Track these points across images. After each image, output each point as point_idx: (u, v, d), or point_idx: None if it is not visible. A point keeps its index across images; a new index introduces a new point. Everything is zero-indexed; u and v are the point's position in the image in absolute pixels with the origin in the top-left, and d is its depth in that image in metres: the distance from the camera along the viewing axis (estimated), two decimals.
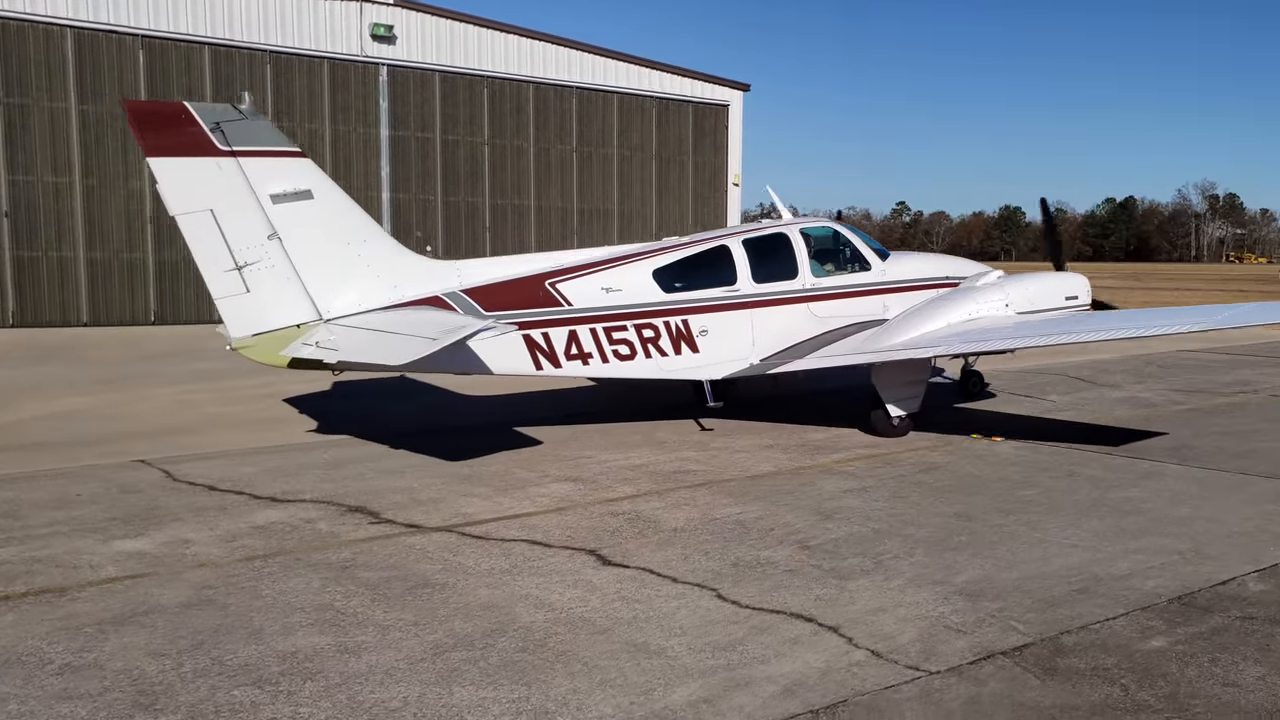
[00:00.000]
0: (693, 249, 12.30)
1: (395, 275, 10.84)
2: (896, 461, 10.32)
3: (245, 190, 10.02)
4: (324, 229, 10.44)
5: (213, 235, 9.97)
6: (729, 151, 32.36)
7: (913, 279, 13.51)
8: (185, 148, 9.82)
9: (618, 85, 30.13)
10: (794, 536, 7.65)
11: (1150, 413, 13.29)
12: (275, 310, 10.20)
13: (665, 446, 11.13)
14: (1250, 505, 8.55)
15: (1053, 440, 11.30)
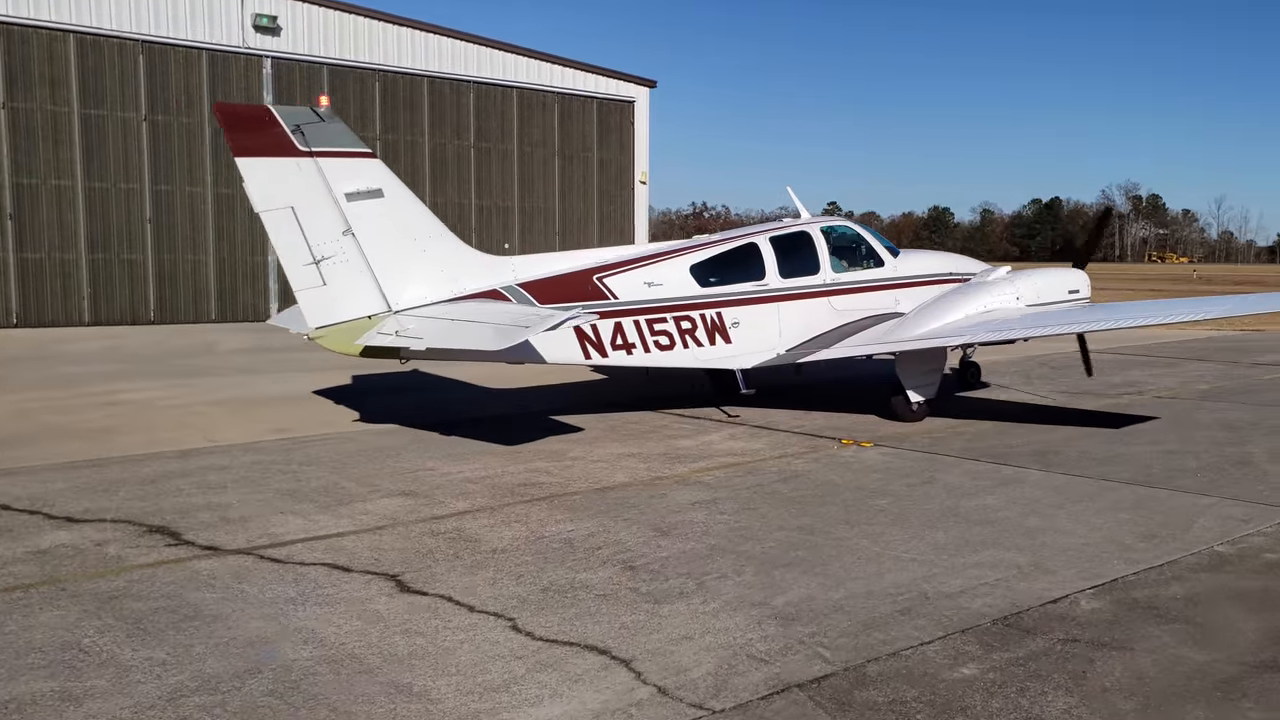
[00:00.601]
0: (725, 246, 13.19)
1: (456, 270, 11.53)
2: (758, 470, 9.96)
3: (323, 189, 10.69)
4: (393, 225, 11.12)
5: (293, 231, 10.67)
6: (635, 149, 32.01)
7: (921, 275, 14.44)
8: (269, 148, 10.50)
9: (518, 80, 29.59)
10: (621, 556, 7.21)
11: (1034, 412, 13.15)
12: (348, 302, 10.87)
13: (519, 457, 10.63)
14: (1103, 514, 8.32)
15: (920, 446, 11.07)
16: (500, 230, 29.63)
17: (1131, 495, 8.96)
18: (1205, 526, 7.94)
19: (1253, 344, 23.57)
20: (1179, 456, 10.57)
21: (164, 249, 25.17)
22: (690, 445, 11.21)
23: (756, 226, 14.79)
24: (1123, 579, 6.69)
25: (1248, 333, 26.61)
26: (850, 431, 11.89)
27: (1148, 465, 10.15)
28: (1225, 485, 9.31)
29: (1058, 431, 11.93)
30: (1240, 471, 9.89)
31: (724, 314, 12.65)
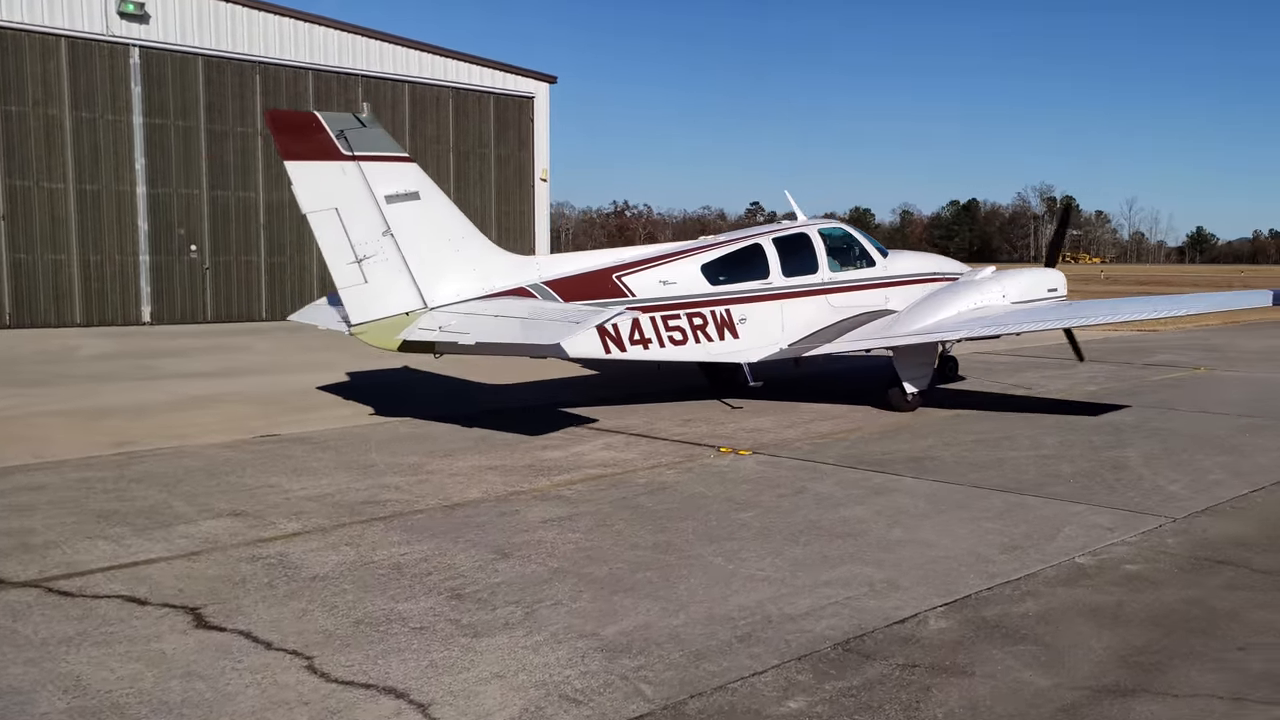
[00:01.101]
0: (733, 246, 14.07)
1: (486, 269, 12.21)
2: (625, 482, 9.58)
3: (365, 191, 11.39)
4: (429, 226, 11.79)
5: (337, 231, 11.34)
6: (535, 146, 31.53)
7: (909, 274, 15.39)
8: (316, 152, 11.21)
9: (410, 74, 28.90)
10: (451, 582, 6.76)
11: (913, 419, 13.02)
12: (388, 299, 11.57)
13: (371, 472, 10.10)
14: (970, 524, 8.13)
15: (800, 454, 10.83)
16: None
17: (1001, 503, 8.80)
18: (1069, 536, 7.79)
19: (1149, 344, 24.00)
20: (1055, 462, 10.49)
21: (18, 248, 23.89)
22: (558, 456, 10.80)
23: (759, 228, 15.66)
24: (976, 595, 6.46)
25: (1145, 333, 27.13)
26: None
27: (1022, 471, 10.03)
28: (1097, 492, 9.21)
29: (942, 434, 11.80)
30: (1115, 477, 9.82)
31: (732, 311, 13.48)
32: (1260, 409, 14.05)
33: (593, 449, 11.17)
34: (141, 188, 24.77)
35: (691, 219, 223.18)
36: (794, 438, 11.77)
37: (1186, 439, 11.78)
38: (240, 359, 19.66)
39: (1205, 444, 11.50)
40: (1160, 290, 46.42)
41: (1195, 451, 11.07)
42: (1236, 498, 9.05)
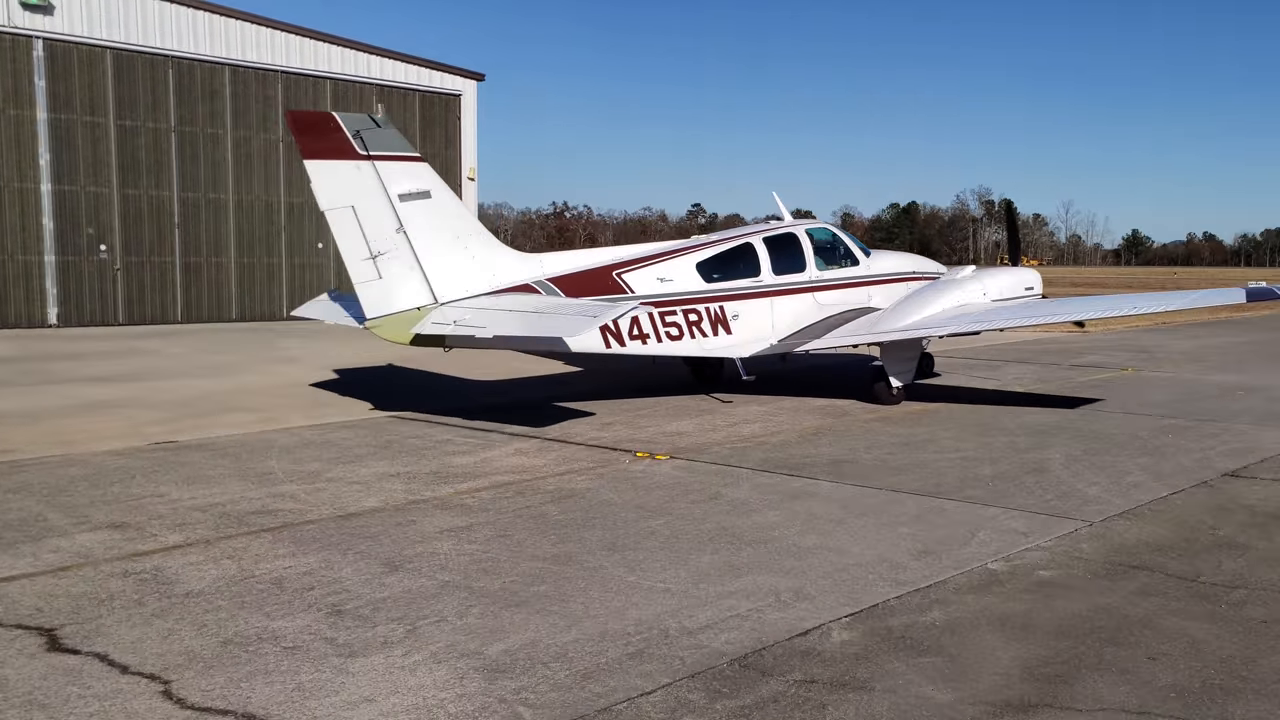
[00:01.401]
0: (725, 245, 14.68)
1: (493, 266, 12.70)
2: (532, 490, 9.28)
3: (379, 189, 11.86)
4: (439, 224, 12.27)
5: (353, 228, 11.80)
6: (462, 144, 31.06)
7: (890, 273, 16.08)
8: (333, 152, 11.69)
9: (331, 71, 28.29)
10: (332, 598, 6.41)
11: (837, 423, 12.88)
12: (401, 294, 12.02)
13: (268, 480, 9.68)
14: (884, 529, 7.95)
15: (718, 457, 10.61)
16: (314, 229, 28.27)
17: (917, 507, 8.64)
18: (984, 541, 7.64)
19: (1078, 346, 24.19)
20: (975, 464, 10.38)
21: None
22: (466, 463, 10.45)
23: (749, 228, 16.31)
24: (884, 604, 6.26)
25: (1075, 335, 27.36)
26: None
27: (942, 474, 9.90)
28: (1015, 494, 9.10)
29: (865, 437, 11.67)
30: (1034, 479, 9.73)
31: (726, 307, 14.08)
32: (1184, 410, 14.13)
33: (503, 455, 10.84)
34: (46, 185, 23.91)
35: (632, 220, 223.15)
36: (716, 441, 11.55)
37: (1108, 440, 11.77)
38: (147, 363, 19.00)
39: (1127, 445, 11.49)
40: (1093, 293, 47.14)
41: (1117, 453, 11.04)
42: (1155, 500, 8.99)
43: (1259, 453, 11.15)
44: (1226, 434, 12.29)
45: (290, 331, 25.07)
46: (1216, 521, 8.32)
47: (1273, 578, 6.82)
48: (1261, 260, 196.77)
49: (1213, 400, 15.16)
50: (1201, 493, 9.31)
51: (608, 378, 16.81)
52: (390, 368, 18.19)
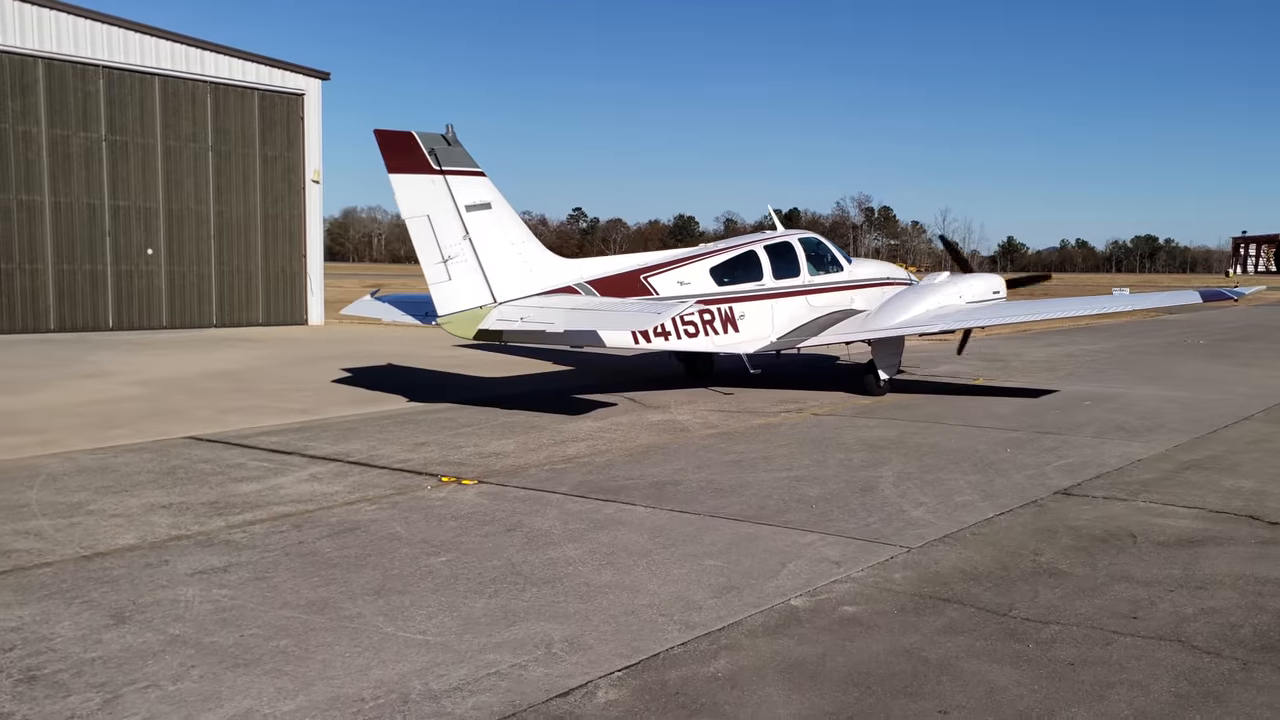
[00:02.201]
0: (734, 252, 16.61)
1: (541, 270, 14.36)
2: (312, 522, 8.44)
3: (449, 201, 13.54)
4: (498, 232, 13.95)
5: (428, 235, 13.41)
6: (306, 145, 29.75)
7: (869, 278, 18.02)
8: (413, 167, 13.32)
9: (160, 67, 26.75)
10: (33, 659, 5.51)
11: (671, 440, 12.34)
12: (466, 294, 13.60)
13: (22, 513, 8.63)
14: (691, 561, 7.39)
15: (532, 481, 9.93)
16: (143, 234, 26.71)
17: (732, 534, 8.12)
18: (793, 573, 7.14)
19: (936, 354, 24.21)
20: (804, 484, 9.94)
21: None
22: (251, 491, 9.55)
23: (750, 236, 18.27)
24: (666, 653, 5.67)
25: (935, 344, 27.49)
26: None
27: (766, 496, 9.42)
28: (837, 518, 8.66)
29: (696, 455, 11.14)
30: (860, 500, 9.32)
31: (734, 308, 15.88)
32: (1026, 422, 14.02)
33: (295, 481, 9.97)
34: None
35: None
36: (535, 462, 10.88)
37: (945, 456, 11.50)
38: None
39: (962, 461, 11.23)
40: None
41: (950, 470, 10.75)
42: (980, 522, 8.65)
43: (1095, 468, 10.99)
44: (1066, 447, 12.16)
45: (111, 344, 23.52)
46: (1040, 545, 8.00)
47: (1088, 610, 6.47)
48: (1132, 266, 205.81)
49: (1058, 411, 15.12)
50: (1029, 513, 9.03)
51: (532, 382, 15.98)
52: (221, 374, 17.03)
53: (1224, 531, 8.43)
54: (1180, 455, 11.70)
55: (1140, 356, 23.44)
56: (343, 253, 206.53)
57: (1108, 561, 7.56)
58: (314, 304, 30.67)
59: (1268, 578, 7.15)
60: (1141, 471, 10.82)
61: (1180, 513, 9.04)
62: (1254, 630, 6.10)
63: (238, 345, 24.01)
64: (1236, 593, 6.84)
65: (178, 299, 27.67)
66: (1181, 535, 8.31)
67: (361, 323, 32.08)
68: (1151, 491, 9.85)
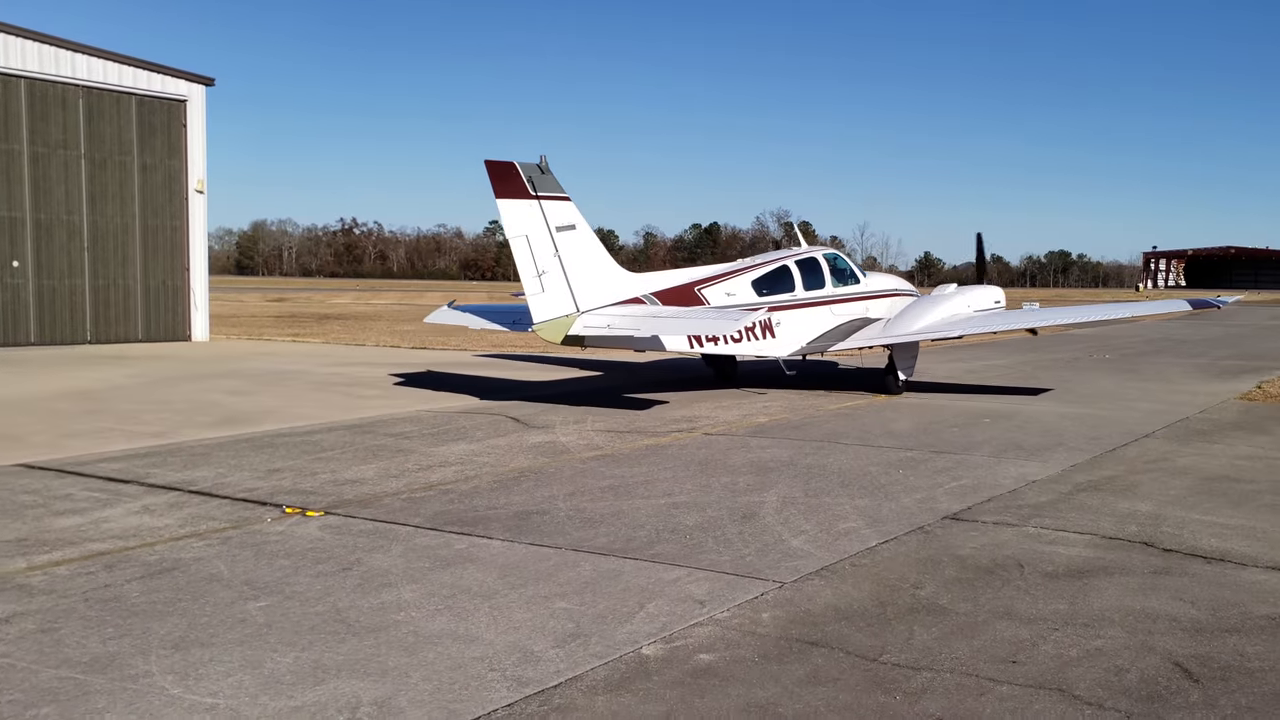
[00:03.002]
0: (770, 266, 18.66)
1: (614, 283, 16.40)
2: (126, 561, 7.62)
3: (543, 223, 15.61)
4: (580, 250, 15.94)
5: (526, 252, 15.51)
6: (189, 154, 28.51)
7: (881, 290, 20.24)
8: (514, 193, 15.47)
9: (27, 70, 25.36)
10: None
11: (549, 463, 11.70)
12: (556, 304, 15.61)
13: None
14: (538, 605, 6.75)
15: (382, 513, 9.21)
16: (6, 245, 25.28)
17: (592, 571, 7.51)
18: (650, 615, 6.55)
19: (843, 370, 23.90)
20: (682, 511, 9.38)
21: None
22: (70, 525, 8.67)
23: (783, 252, 20.17)
24: (487, 718, 5.03)
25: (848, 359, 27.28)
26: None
27: (639, 526, 8.83)
28: (710, 550, 8.11)
29: (574, 480, 10.51)
30: (739, 529, 8.79)
31: (772, 317, 17.83)
32: (924, 440, 13.68)
33: (124, 513, 9.11)
34: None
35: (426, 237, 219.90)
36: (393, 489, 10.14)
37: (835, 478, 11.04)
38: None
39: (852, 484, 10.78)
40: None
41: (838, 494, 10.29)
42: (862, 552, 8.17)
43: (988, 490, 10.63)
44: (960, 468, 11.80)
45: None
46: (922, 578, 7.53)
47: (964, 654, 5.98)
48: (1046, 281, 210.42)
49: (957, 429, 14.82)
50: (915, 541, 8.57)
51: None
52: (78, 394, 15.93)
53: (1116, 560, 8.06)
54: (1076, 476, 11.41)
55: (1044, 372, 23.40)
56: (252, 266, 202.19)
57: (991, 595, 7.12)
58: (198, 319, 29.38)
59: (1158, 613, 6.76)
60: (1035, 494, 10.48)
61: (1071, 539, 8.67)
62: (1140, 676, 5.66)
63: (107, 363, 22.77)
64: (1125, 631, 6.42)
65: (47, 314, 26.23)
66: (1071, 565, 7.92)
67: (249, 338, 30.95)
68: (1043, 516, 9.49)
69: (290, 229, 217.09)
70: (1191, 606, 6.94)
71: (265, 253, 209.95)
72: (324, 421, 14.39)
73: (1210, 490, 10.69)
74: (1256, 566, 7.90)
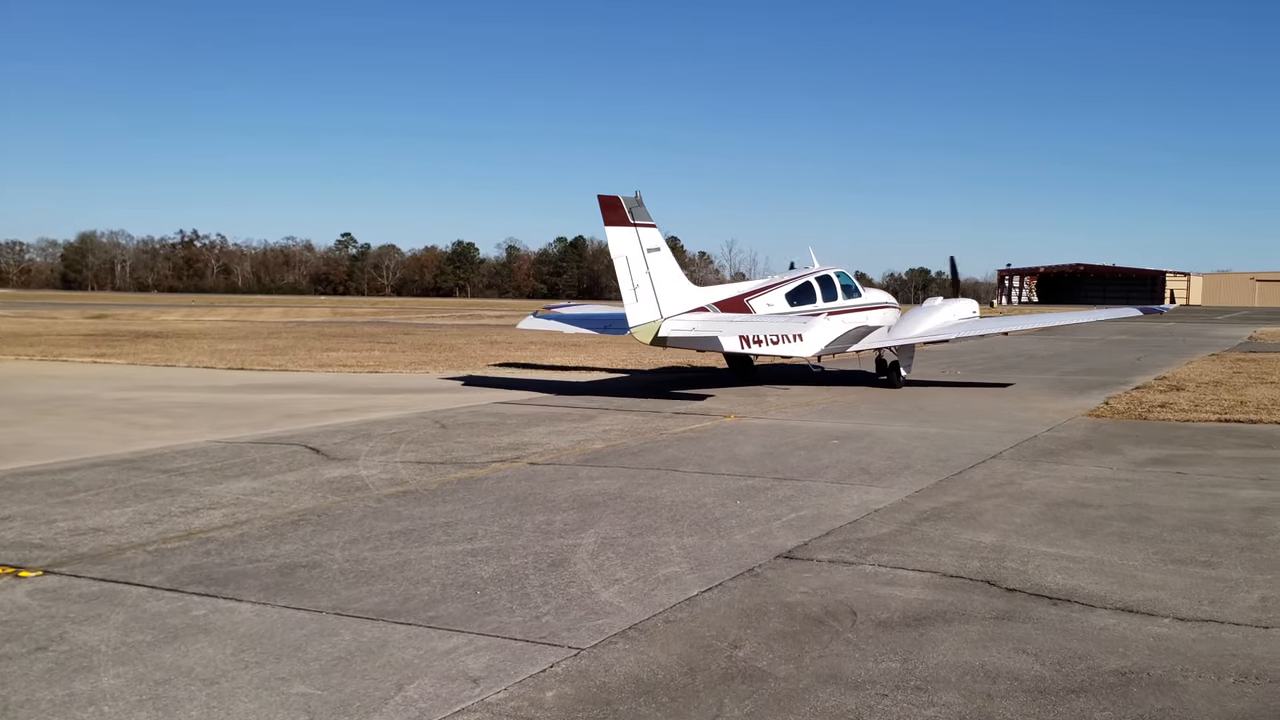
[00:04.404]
0: (797, 282, 23.29)
1: (685, 295, 21.03)
2: None
3: (638, 246, 20.18)
4: (663, 268, 20.58)
5: (625, 269, 20.01)
6: None
7: (876, 303, 24.68)
8: (618, 221, 20.01)
9: None
10: None
11: (341, 501, 10.52)
12: (646, 312, 20.15)
13: None
14: (270, 690, 5.63)
15: (117, 572, 7.91)
16: None
17: (352, 641, 6.42)
18: (408, 702, 5.50)
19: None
20: (480, 560, 8.35)
21: None
22: None
23: (804, 270, 24.37)
24: None
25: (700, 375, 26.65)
26: None
27: (424, 579, 7.77)
28: (502, 608, 7.11)
29: (359, 524, 9.36)
30: (543, 579, 7.82)
31: (799, 323, 21.94)
32: (767, 466, 12.96)
33: None
34: None
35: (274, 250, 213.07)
36: (143, 539, 8.80)
37: (665, 513, 10.18)
38: None
39: (683, 518, 9.94)
40: None
41: (666, 531, 9.42)
42: (680, 604, 7.30)
43: (828, 521, 9.92)
44: (801, 496, 11.10)
45: None
46: (743, 633, 6.69)
47: None
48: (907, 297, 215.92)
49: (803, 452, 14.17)
50: (741, 586, 7.75)
51: None
52: None
53: (955, 603, 7.38)
54: (920, 503, 10.82)
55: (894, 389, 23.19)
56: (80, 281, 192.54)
57: (817, 653, 6.32)
58: None
59: (998, 670, 6.06)
60: (876, 525, 9.82)
61: (910, 579, 7.99)
62: None
63: None
64: (961, 695, 5.68)
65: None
66: (908, 610, 7.21)
67: (43, 359, 28.61)
68: (883, 551, 8.80)
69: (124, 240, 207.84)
70: (1035, 661, 6.27)
71: (95, 266, 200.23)
72: (89, 456, 12.85)
73: (1057, 517, 10.21)
74: (1105, 608, 7.32)
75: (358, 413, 17.67)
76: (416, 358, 31.23)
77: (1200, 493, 11.45)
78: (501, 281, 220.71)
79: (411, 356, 31.65)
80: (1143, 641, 6.62)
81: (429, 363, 29.30)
